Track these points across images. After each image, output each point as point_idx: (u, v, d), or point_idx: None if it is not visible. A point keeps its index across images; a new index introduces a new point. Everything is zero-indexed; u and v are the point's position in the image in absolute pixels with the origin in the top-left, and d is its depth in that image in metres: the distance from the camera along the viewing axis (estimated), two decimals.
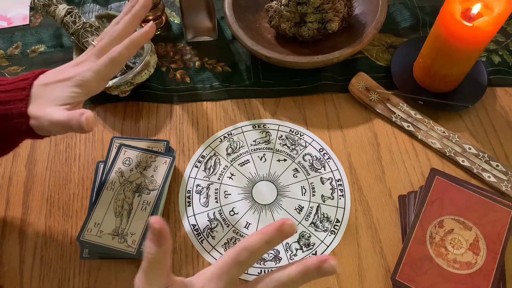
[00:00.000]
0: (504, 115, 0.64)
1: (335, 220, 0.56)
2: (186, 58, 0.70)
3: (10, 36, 0.73)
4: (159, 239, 0.34)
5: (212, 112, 0.65)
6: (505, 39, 0.70)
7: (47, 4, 0.62)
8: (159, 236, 0.34)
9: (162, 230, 0.34)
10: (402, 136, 0.62)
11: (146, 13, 0.50)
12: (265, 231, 0.33)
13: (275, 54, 0.61)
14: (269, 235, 0.33)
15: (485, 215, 0.53)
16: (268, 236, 0.33)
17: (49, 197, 0.58)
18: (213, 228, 0.56)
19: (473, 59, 0.59)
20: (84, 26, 0.62)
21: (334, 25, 0.63)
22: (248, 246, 0.33)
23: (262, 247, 0.33)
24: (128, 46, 0.47)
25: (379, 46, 0.70)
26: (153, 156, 0.56)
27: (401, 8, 0.73)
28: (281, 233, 0.33)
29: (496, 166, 0.58)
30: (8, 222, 0.56)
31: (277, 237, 0.33)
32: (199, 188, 0.58)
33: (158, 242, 0.35)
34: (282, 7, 0.63)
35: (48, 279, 0.52)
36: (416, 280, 0.50)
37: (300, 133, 0.63)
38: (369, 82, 0.64)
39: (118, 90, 0.61)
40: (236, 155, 0.61)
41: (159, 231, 0.34)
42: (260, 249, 0.33)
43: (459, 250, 0.51)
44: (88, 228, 0.51)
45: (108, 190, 0.54)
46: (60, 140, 0.62)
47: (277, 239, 0.33)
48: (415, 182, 0.58)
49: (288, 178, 0.59)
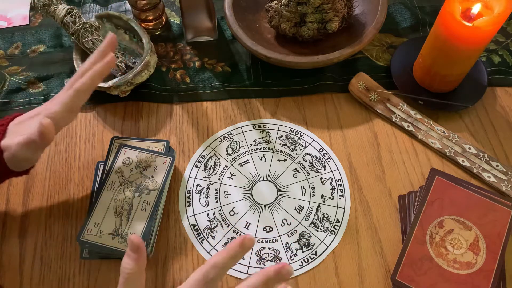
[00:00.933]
0: (504, 115, 0.64)
1: (335, 220, 0.56)
2: (186, 58, 0.70)
3: (10, 36, 0.73)
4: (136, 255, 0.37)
5: (212, 112, 0.65)
6: (505, 39, 0.70)
7: (47, 4, 0.62)
8: (136, 252, 0.37)
9: (140, 247, 0.37)
10: (402, 136, 0.62)
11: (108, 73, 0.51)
12: (229, 248, 0.38)
13: (275, 54, 0.61)
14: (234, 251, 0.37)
15: (485, 215, 0.53)
16: (232, 252, 0.37)
17: (49, 197, 0.58)
18: (213, 228, 0.56)
19: (473, 59, 0.59)
20: (84, 26, 0.62)
21: (334, 25, 0.63)
22: (216, 264, 0.37)
23: (228, 262, 0.37)
24: (92, 76, 0.49)
25: (379, 46, 0.70)
26: (153, 156, 0.56)
27: (401, 8, 0.73)
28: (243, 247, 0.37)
29: (496, 166, 0.58)
30: (8, 222, 0.56)
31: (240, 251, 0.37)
32: (199, 188, 0.58)
33: (135, 259, 0.37)
34: (282, 7, 0.63)
35: (48, 279, 0.52)
36: (416, 280, 0.50)
37: (300, 133, 0.63)
38: (369, 82, 0.64)
39: (118, 90, 0.61)
40: (236, 155, 0.61)
41: (137, 247, 0.37)
42: (226, 265, 0.37)
43: (459, 250, 0.51)
44: (88, 228, 0.51)
45: (108, 190, 0.54)
46: (60, 140, 0.62)
47: (240, 253, 0.38)
48: (415, 182, 0.58)
49: (288, 178, 0.59)
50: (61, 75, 0.67)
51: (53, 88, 0.66)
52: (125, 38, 0.68)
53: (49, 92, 0.66)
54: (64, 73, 0.67)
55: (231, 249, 0.37)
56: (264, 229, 0.56)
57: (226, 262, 0.37)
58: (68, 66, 0.68)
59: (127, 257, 0.38)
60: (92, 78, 0.49)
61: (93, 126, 0.63)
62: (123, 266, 0.38)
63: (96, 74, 0.49)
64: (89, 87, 0.49)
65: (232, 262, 0.37)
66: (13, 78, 0.67)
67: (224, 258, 0.37)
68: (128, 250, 0.38)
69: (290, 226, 0.56)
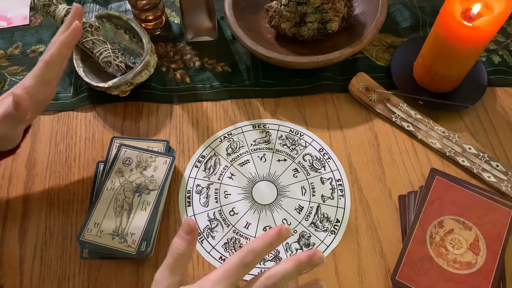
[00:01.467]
0: (504, 115, 0.64)
1: (335, 220, 0.56)
2: (186, 58, 0.70)
3: (10, 36, 0.73)
4: (189, 237, 0.38)
5: (212, 112, 0.65)
6: (505, 39, 0.70)
7: (47, 4, 0.62)
8: (190, 234, 0.38)
9: (194, 230, 0.38)
10: (402, 136, 0.62)
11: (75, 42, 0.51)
12: (266, 235, 0.38)
13: (275, 54, 0.61)
14: (270, 239, 0.37)
15: (485, 215, 0.53)
16: (269, 240, 0.37)
17: (49, 197, 0.58)
18: (213, 228, 0.56)
19: (473, 59, 0.59)
20: (84, 26, 0.62)
21: (334, 25, 0.63)
22: (253, 249, 0.37)
23: (265, 249, 0.37)
24: (58, 47, 0.49)
25: (379, 46, 0.70)
26: (153, 156, 0.56)
27: (401, 8, 0.73)
28: (280, 237, 0.38)
29: (496, 166, 0.58)
30: (8, 222, 0.56)
31: (276, 240, 0.38)
32: (199, 188, 0.58)
33: (188, 240, 0.38)
34: (282, 7, 0.63)
35: (48, 279, 0.52)
36: (416, 280, 0.50)
37: (300, 133, 0.63)
38: (369, 82, 0.64)
39: (118, 90, 0.61)
40: (236, 155, 0.61)
41: (191, 230, 0.38)
42: (263, 251, 0.37)
43: (459, 250, 0.51)
44: (88, 228, 0.51)
45: (108, 190, 0.54)
46: (60, 140, 0.62)
47: (276, 242, 0.38)
48: (415, 182, 0.58)
49: (288, 178, 0.59)
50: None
51: None
52: (125, 38, 0.68)
53: None
54: (64, 73, 0.67)
55: (269, 236, 0.37)
56: (264, 229, 0.56)
57: (263, 249, 0.37)
58: (68, 66, 0.68)
59: (179, 239, 0.38)
60: (59, 49, 0.49)
61: (93, 126, 0.63)
62: (174, 246, 0.38)
63: (62, 44, 0.49)
64: (57, 58, 0.49)
65: (269, 249, 0.37)
66: (13, 78, 0.67)
67: (261, 244, 0.37)
68: (182, 232, 0.38)
69: (290, 226, 0.56)
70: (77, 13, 0.52)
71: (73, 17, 0.52)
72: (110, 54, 0.62)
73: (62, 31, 0.51)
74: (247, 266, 0.37)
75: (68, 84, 0.67)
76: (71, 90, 0.66)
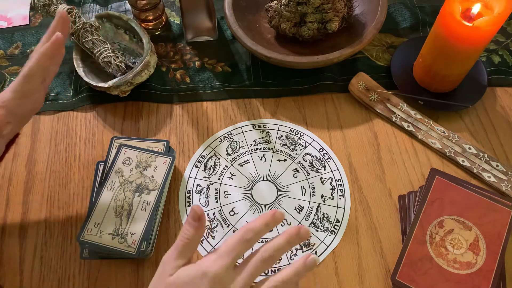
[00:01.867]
0: (504, 115, 0.64)
1: (335, 220, 0.56)
2: (186, 58, 0.70)
3: (10, 36, 0.73)
4: (197, 224, 0.40)
5: (212, 112, 0.65)
6: (505, 39, 0.70)
7: (47, 4, 0.62)
8: (198, 221, 0.40)
9: (202, 217, 0.40)
10: (402, 136, 0.62)
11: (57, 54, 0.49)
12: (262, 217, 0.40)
13: (275, 54, 0.61)
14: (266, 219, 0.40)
15: (485, 215, 0.53)
16: (265, 220, 0.40)
17: (49, 197, 0.58)
18: (213, 228, 0.56)
19: (473, 59, 0.59)
20: (84, 26, 0.62)
21: (334, 25, 0.63)
22: (252, 228, 0.39)
23: (263, 229, 0.40)
24: (38, 59, 0.47)
25: (379, 46, 0.70)
26: (153, 156, 0.56)
27: (401, 8, 0.73)
28: (274, 219, 0.40)
29: (496, 166, 0.58)
30: (8, 222, 0.56)
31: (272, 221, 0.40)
32: (199, 188, 0.58)
33: (196, 227, 0.40)
34: (282, 7, 0.63)
35: (48, 279, 0.52)
36: (416, 280, 0.50)
37: (300, 133, 0.63)
38: (369, 82, 0.64)
39: (118, 90, 0.61)
40: (236, 155, 0.61)
41: (199, 217, 0.39)
42: (261, 230, 0.40)
43: (459, 250, 0.51)
44: (88, 228, 0.51)
45: (108, 190, 0.54)
46: (60, 140, 0.62)
47: (272, 223, 0.40)
48: (415, 182, 0.58)
49: (288, 178, 0.59)
50: (61, 75, 0.67)
51: (53, 88, 0.66)
52: (125, 38, 0.68)
53: (49, 92, 0.66)
54: (64, 73, 0.67)
55: (265, 217, 0.40)
56: None
57: (260, 228, 0.39)
58: (68, 66, 0.68)
59: (188, 225, 0.40)
60: (39, 61, 0.47)
61: (93, 126, 0.63)
62: (183, 232, 0.40)
63: (41, 56, 0.47)
64: (37, 70, 0.47)
65: (266, 229, 0.40)
66: (13, 78, 0.67)
67: (258, 223, 0.39)
68: (190, 219, 0.40)
69: (290, 226, 0.56)
70: (60, 21, 0.49)
71: (56, 25, 0.49)
72: (110, 54, 0.62)
73: (44, 41, 0.49)
74: (248, 242, 0.39)
75: (68, 84, 0.67)
76: (71, 90, 0.66)
